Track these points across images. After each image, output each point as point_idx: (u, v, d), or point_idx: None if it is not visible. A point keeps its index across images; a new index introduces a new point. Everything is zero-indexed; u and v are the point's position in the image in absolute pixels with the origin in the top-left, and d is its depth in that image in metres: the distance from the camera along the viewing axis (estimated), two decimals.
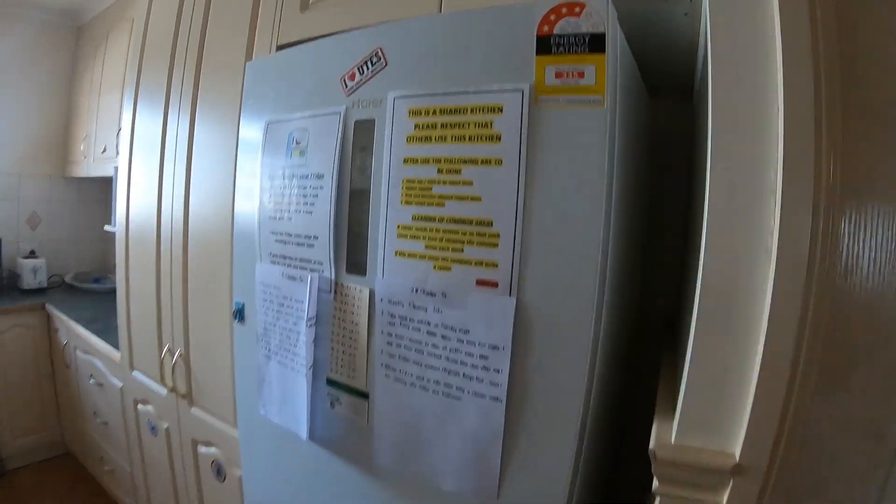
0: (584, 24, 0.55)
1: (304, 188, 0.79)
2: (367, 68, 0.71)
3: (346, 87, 0.74)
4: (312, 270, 0.79)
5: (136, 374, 1.60)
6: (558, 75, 0.57)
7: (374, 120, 0.71)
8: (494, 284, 0.61)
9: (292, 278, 0.82)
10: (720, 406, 0.52)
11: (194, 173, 1.30)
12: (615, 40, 0.55)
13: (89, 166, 2.42)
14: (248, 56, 1.15)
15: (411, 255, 0.67)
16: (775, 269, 0.49)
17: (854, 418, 0.52)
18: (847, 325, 0.51)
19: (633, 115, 0.69)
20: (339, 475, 0.80)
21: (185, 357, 1.34)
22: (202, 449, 1.35)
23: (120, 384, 1.70)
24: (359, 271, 0.74)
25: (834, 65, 0.49)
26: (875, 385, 0.51)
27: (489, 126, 0.61)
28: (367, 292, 0.72)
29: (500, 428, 0.62)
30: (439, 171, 0.64)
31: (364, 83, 0.72)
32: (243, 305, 0.94)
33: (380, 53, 0.70)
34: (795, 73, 0.49)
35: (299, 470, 0.87)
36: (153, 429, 1.54)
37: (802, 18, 0.49)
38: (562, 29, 0.56)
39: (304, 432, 0.81)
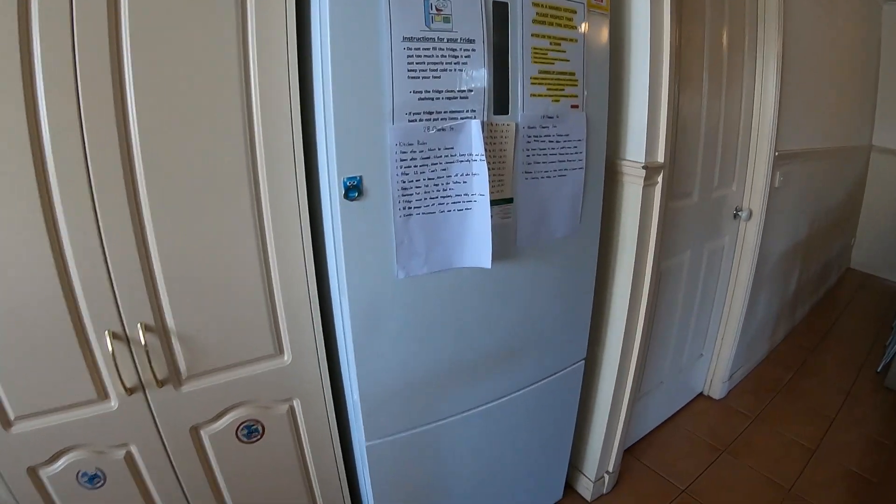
0: None
1: (455, 50, 0.98)
2: None
3: None
4: (464, 118, 1.03)
5: (19, 428, 0.88)
6: None
7: (507, 4, 1.02)
8: (578, 107, 1.18)
9: (441, 130, 1.01)
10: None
11: None
12: None
13: None
14: None
15: (540, 95, 1.11)
16: None
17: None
18: None
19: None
20: (486, 280, 1.16)
21: (159, 327, 0.94)
22: (214, 426, 1.07)
23: None
24: (503, 111, 1.08)
25: None
26: None
27: (571, 20, 1.12)
28: (513, 125, 1.09)
29: (582, 184, 1.25)
30: (551, 43, 1.10)
31: None
32: (360, 178, 0.97)
33: None
34: None
35: (449, 301, 1.13)
36: (94, 478, 0.95)
37: None
38: None
39: (487, 260, 1.09)
